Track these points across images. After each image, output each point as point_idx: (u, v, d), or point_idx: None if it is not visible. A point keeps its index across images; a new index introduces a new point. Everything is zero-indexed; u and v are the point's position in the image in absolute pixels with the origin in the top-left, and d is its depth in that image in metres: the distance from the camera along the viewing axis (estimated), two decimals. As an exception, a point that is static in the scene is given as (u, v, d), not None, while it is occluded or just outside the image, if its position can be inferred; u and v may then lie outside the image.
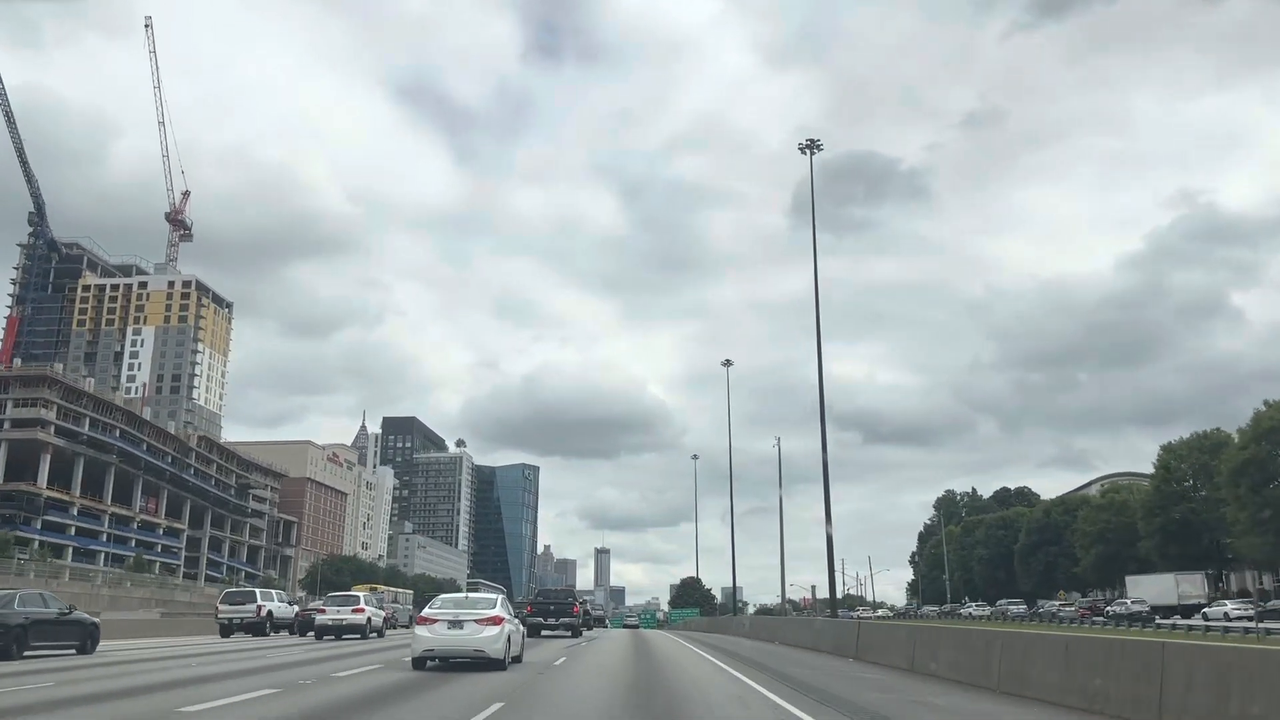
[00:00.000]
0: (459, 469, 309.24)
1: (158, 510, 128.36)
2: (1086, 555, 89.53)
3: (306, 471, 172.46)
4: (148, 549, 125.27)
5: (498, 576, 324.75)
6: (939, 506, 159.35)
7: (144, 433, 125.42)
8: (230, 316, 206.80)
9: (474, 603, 18.66)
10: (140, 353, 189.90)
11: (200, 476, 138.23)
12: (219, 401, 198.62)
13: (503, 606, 18.45)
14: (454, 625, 17.21)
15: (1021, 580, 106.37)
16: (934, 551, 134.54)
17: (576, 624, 38.47)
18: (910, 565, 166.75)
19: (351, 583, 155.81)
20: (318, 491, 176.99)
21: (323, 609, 35.02)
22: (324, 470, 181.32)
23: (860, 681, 17.85)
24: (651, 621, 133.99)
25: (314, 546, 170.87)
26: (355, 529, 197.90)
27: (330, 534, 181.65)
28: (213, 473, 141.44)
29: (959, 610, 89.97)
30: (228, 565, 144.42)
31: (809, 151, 45.72)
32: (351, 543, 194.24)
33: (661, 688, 15.87)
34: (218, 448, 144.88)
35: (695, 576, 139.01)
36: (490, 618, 17.44)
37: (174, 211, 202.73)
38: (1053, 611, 73.91)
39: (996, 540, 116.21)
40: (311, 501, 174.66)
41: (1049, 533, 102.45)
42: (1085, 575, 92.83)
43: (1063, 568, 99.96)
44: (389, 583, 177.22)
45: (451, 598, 20.25)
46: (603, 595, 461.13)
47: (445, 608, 18.01)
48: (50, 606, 23.12)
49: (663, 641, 38.35)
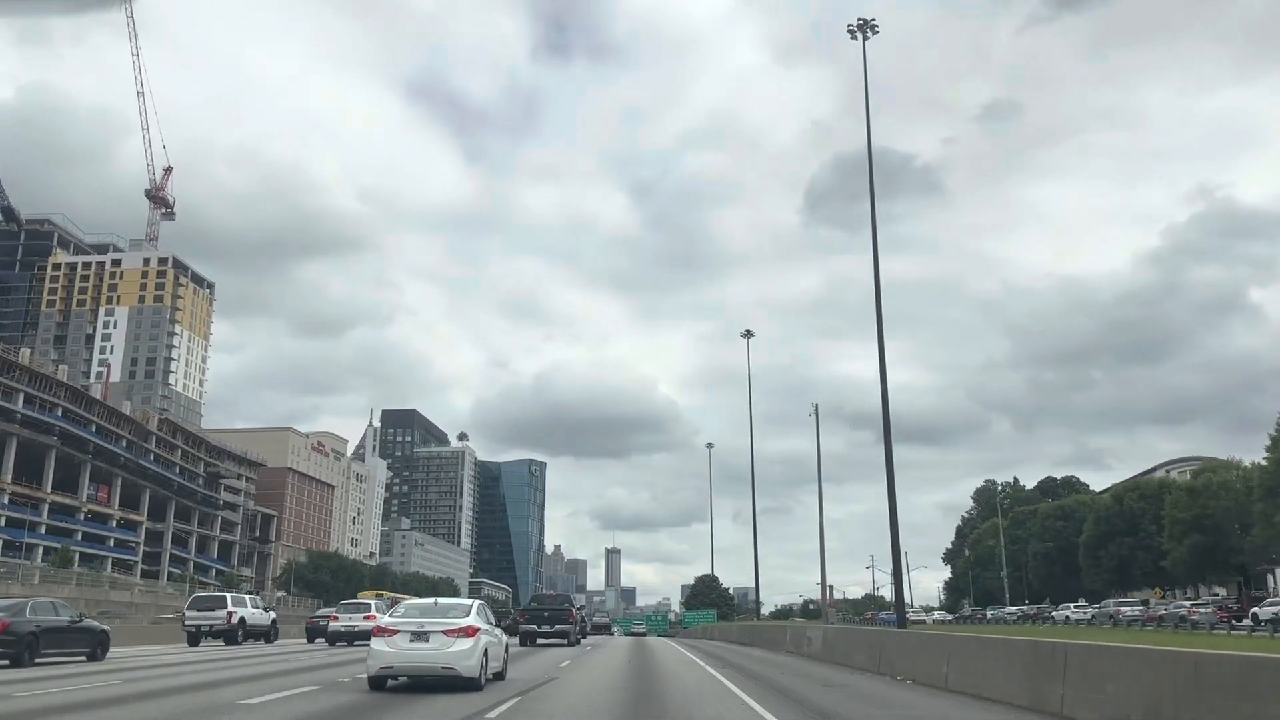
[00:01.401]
0: (461, 464, 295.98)
1: (110, 500, 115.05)
2: (1177, 547, 75.18)
3: (287, 461, 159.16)
4: (98, 543, 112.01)
5: (503, 576, 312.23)
6: (978, 498, 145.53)
7: (93, 412, 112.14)
8: (212, 298, 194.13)
9: (444, 610, 15.93)
10: (113, 335, 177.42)
11: (162, 464, 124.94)
12: (199, 388, 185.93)
13: (479, 614, 15.96)
14: (418, 637, 14.86)
15: (1088, 577, 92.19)
16: (981, 546, 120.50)
17: (572, 632, 36.70)
18: (945, 562, 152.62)
19: (330, 581, 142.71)
20: (300, 483, 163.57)
21: (335, 616, 37.14)
22: (307, 460, 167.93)
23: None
24: (663, 625, 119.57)
25: (296, 543, 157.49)
26: (343, 524, 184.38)
27: (315, 529, 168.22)
28: (177, 459, 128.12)
29: (1048, 612, 75.22)
30: (195, 562, 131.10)
31: (860, 35, 35.45)
32: (339, 539, 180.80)
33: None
34: (182, 432, 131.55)
35: (711, 574, 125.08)
36: (462, 628, 15.04)
37: (154, 188, 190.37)
38: (1138, 613, 59.77)
39: (1054, 532, 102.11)
40: (293, 494, 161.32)
41: (1121, 522, 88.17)
42: (1174, 570, 78.38)
43: (1140, 562, 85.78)
44: (376, 583, 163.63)
45: (418, 604, 17.31)
46: (613, 596, 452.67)
47: (409, 616, 15.58)
48: (61, 614, 23.46)
49: (676, 668, 24.24)
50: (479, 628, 15.34)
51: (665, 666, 23.70)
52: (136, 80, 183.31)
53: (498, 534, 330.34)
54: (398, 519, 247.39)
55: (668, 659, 27.76)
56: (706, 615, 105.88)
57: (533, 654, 28.46)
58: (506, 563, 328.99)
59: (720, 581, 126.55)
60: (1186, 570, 77.44)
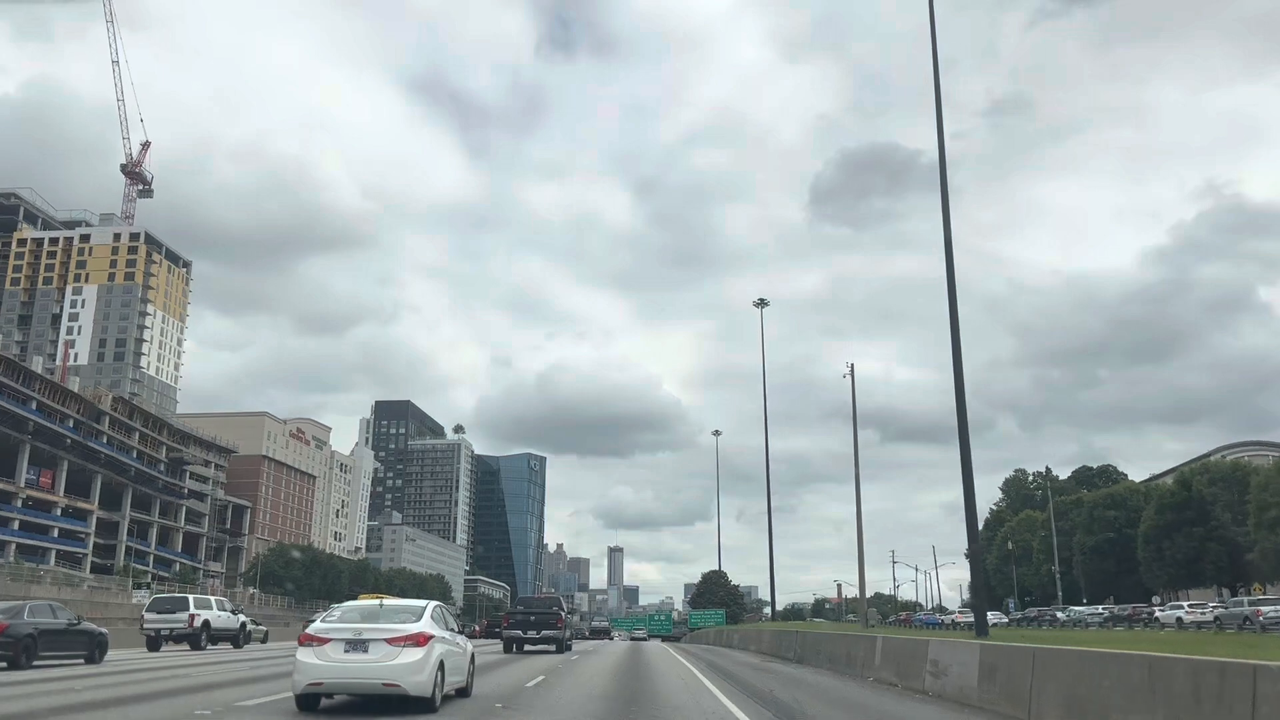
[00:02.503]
0: (457, 457, 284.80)
1: (54, 486, 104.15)
2: (1268, 537, 63.92)
3: (262, 448, 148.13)
4: (39, 533, 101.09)
5: (501, 574, 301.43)
6: (1008, 489, 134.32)
7: (34, 388, 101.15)
8: (188, 277, 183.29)
9: (390, 614, 13.38)
10: (80, 315, 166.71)
11: (117, 447, 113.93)
12: (174, 372, 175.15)
13: (433, 619, 13.46)
14: (355, 646, 12.47)
15: (1149, 573, 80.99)
16: (1013, 540, 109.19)
17: (561, 637, 34.29)
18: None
19: (303, 577, 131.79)
20: (277, 472, 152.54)
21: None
22: (285, 448, 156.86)
23: None
24: (666, 626, 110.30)
25: (272, 536, 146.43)
26: (325, 517, 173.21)
27: (294, 522, 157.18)
28: (135, 443, 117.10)
29: (1142, 613, 63.19)
30: (155, 556, 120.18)
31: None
32: (321, 533, 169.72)
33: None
34: (141, 413, 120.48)
35: (719, 570, 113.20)
36: (410, 636, 12.61)
37: (131, 164, 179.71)
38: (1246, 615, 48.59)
39: (1104, 523, 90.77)
40: (270, 484, 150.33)
41: (1190, 510, 76.88)
42: (1261, 564, 67.07)
43: (1212, 555, 74.59)
44: (356, 580, 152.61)
45: (358, 606, 14.43)
46: (616, 595, 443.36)
47: (345, 621, 13.16)
48: (59, 617, 23.60)
49: (682, 697, 16.11)
50: (432, 635, 12.88)
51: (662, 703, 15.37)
52: (111, 50, 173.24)
53: (496, 530, 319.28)
54: (387, 512, 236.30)
55: (671, 690, 17.91)
56: (715, 615, 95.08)
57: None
58: (505, 560, 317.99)
59: (729, 578, 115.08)
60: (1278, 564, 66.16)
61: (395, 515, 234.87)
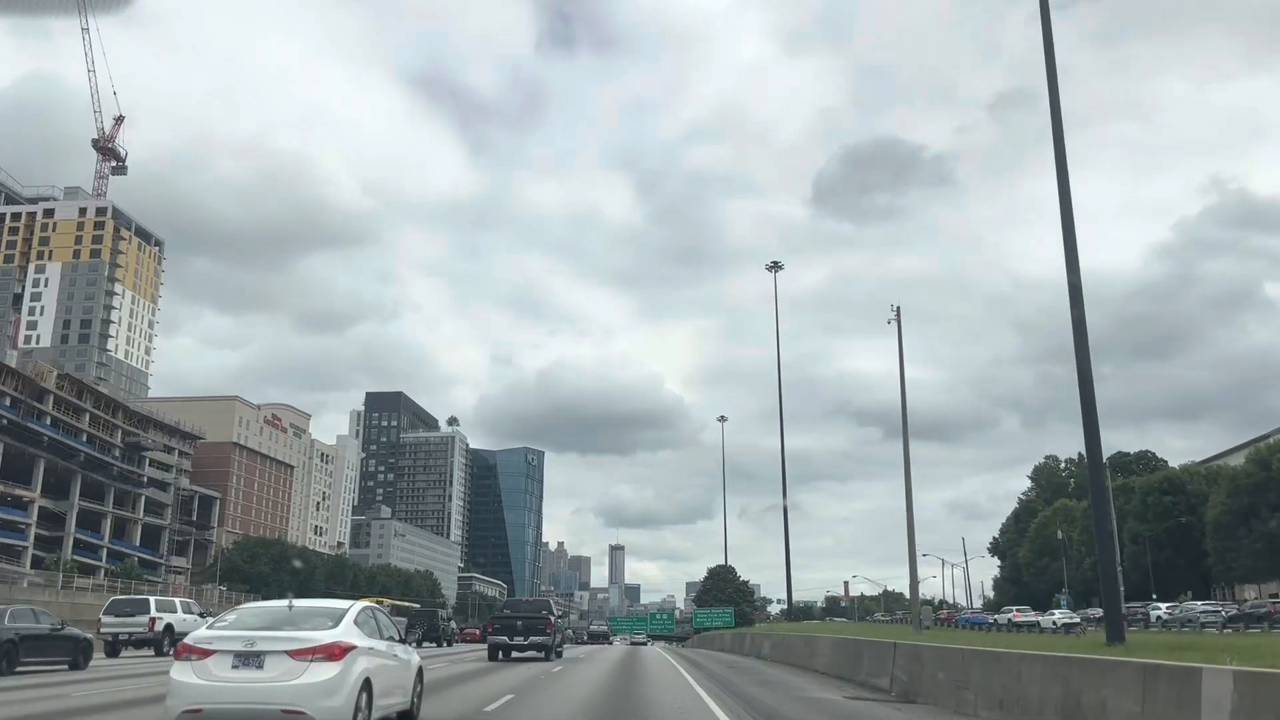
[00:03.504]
0: (451, 450, 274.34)
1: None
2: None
3: (233, 435, 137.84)
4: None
5: (498, 572, 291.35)
6: (1038, 478, 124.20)
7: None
8: (160, 256, 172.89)
9: (299, 618, 9.76)
10: (43, 294, 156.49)
11: (64, 430, 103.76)
12: (144, 356, 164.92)
13: (357, 624, 9.86)
14: (246, 661, 8.98)
15: (1221, 564, 70.61)
16: (1050, 532, 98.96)
17: (549, 644, 31.75)
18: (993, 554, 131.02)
19: (271, 573, 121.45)
20: (250, 461, 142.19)
21: None
22: (259, 435, 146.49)
23: None
24: (668, 626, 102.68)
25: (245, 529, 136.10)
26: (305, 510, 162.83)
27: (269, 514, 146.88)
28: (84, 426, 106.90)
29: (1262, 610, 52.20)
30: (109, 549, 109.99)
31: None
32: (300, 526, 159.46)
33: None
34: (92, 393, 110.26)
35: (726, 565, 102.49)
36: (320, 647, 9.10)
37: (103, 139, 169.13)
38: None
39: (1162, 510, 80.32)
40: (242, 473, 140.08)
41: (1272, 492, 66.46)
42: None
43: (1301, 544, 64.19)
44: (335, 576, 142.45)
45: (256, 609, 10.71)
46: (617, 593, 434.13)
47: (237, 628, 9.50)
48: (41, 622, 22.99)
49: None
50: (352, 645, 9.31)
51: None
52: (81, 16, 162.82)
53: (492, 527, 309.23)
54: (376, 506, 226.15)
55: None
56: (723, 614, 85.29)
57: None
58: (502, 558, 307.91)
59: (738, 574, 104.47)
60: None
61: (384, 509, 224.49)
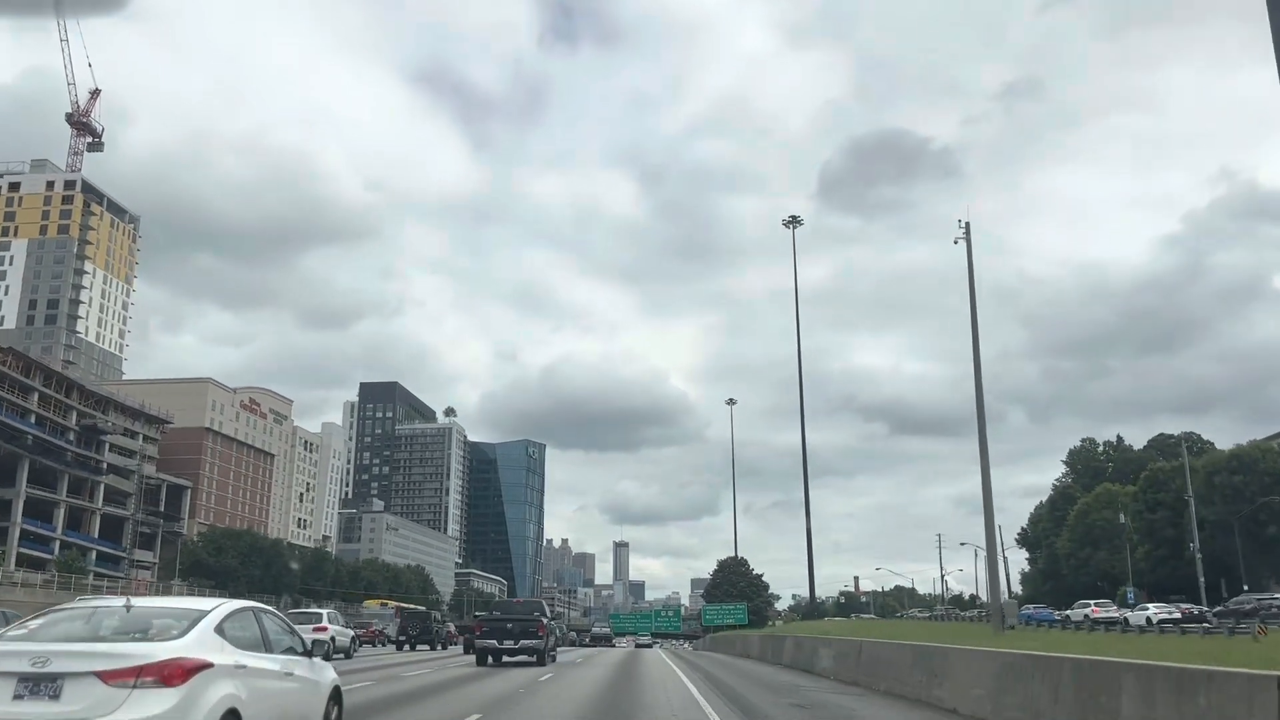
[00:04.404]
0: (448, 442, 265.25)
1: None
2: None
3: (205, 419, 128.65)
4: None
5: (498, 569, 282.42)
6: (1073, 461, 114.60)
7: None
8: (136, 234, 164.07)
9: (129, 625, 6.90)
10: (8, 273, 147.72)
11: (7, 409, 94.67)
12: (118, 339, 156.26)
13: (213, 633, 6.96)
14: (34, 687, 6.16)
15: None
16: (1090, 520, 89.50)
17: (542, 648, 29.30)
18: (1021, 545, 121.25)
19: (239, 568, 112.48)
20: (225, 448, 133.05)
21: None
22: (235, 420, 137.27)
23: None
24: (674, 624, 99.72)
25: (220, 521, 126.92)
26: (287, 501, 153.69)
27: (246, 505, 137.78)
28: (33, 406, 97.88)
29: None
30: (61, 541, 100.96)
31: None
32: (281, 519, 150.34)
33: None
34: (41, 369, 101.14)
35: (738, 557, 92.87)
36: (147, 667, 6.21)
37: (77, 112, 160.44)
38: None
39: (1230, 492, 70.72)
40: (216, 461, 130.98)
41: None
42: None
43: None
44: (314, 571, 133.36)
45: (69, 612, 7.50)
46: (621, 590, 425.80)
47: (34, 639, 6.70)
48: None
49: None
50: (203, 663, 6.45)
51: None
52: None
53: (492, 522, 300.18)
54: (367, 499, 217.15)
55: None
56: (735, 611, 77.27)
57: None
58: (502, 553, 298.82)
59: (750, 566, 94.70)
60: None
61: (376, 503, 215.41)
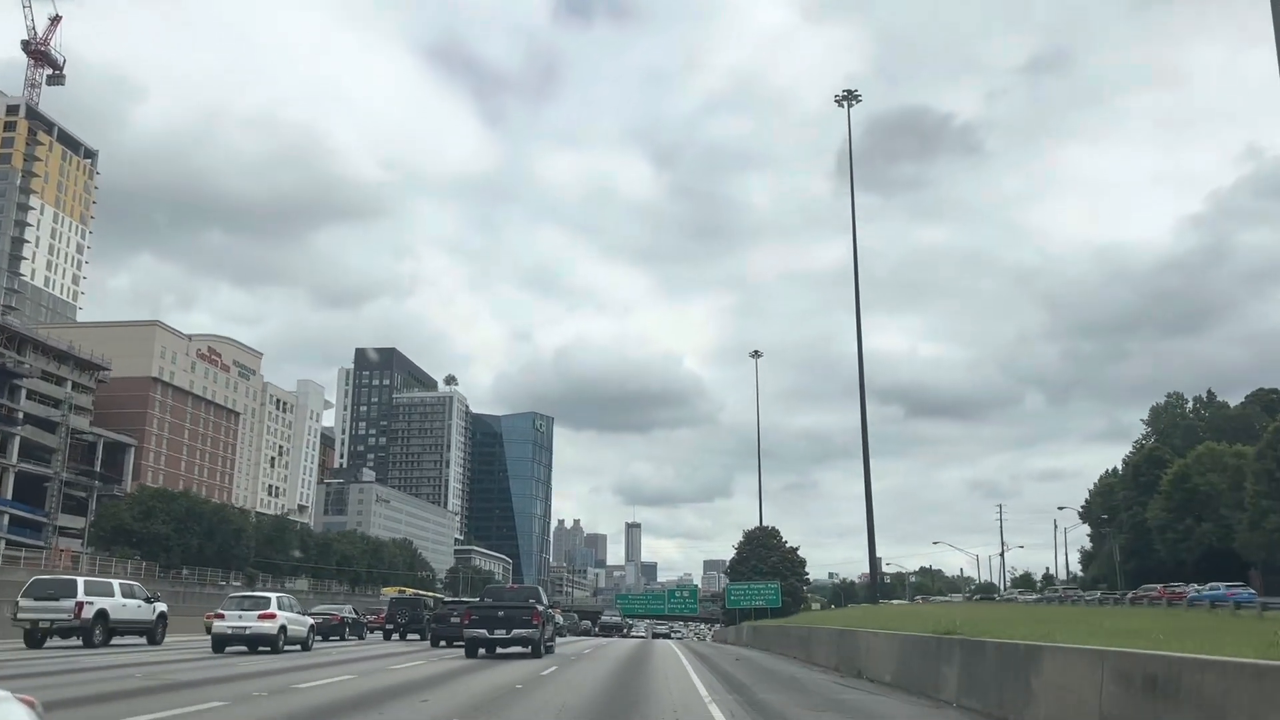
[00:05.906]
0: (448, 411, 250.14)
1: None
2: None
3: (152, 368, 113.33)
4: None
5: (503, 547, 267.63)
6: (1154, 421, 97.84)
7: None
8: (93, 170, 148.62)
9: None
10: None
11: (-110, 343, 79.61)
12: (70, 285, 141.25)
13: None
14: None
15: None
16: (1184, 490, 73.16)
17: (536, 638, 26.27)
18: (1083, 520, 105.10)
19: (174, 535, 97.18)
20: (177, 401, 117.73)
21: (221, 614, 28.21)
22: (190, 371, 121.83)
23: None
24: (690, 606, 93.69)
25: (171, 484, 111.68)
26: (255, 466, 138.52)
27: (203, 469, 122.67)
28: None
29: None
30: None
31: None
32: (249, 485, 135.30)
33: None
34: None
35: (767, 526, 76.89)
36: None
37: (35, 41, 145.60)
38: None
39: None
40: (166, 416, 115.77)
41: None
42: None
43: None
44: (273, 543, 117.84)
45: None
46: (634, 571, 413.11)
47: None
48: None
49: None
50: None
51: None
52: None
53: (498, 498, 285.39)
54: (356, 469, 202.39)
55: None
56: (767, 591, 63.31)
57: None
58: (508, 531, 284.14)
59: (782, 537, 78.49)
60: None
61: (367, 473, 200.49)
